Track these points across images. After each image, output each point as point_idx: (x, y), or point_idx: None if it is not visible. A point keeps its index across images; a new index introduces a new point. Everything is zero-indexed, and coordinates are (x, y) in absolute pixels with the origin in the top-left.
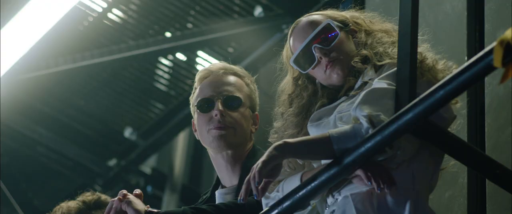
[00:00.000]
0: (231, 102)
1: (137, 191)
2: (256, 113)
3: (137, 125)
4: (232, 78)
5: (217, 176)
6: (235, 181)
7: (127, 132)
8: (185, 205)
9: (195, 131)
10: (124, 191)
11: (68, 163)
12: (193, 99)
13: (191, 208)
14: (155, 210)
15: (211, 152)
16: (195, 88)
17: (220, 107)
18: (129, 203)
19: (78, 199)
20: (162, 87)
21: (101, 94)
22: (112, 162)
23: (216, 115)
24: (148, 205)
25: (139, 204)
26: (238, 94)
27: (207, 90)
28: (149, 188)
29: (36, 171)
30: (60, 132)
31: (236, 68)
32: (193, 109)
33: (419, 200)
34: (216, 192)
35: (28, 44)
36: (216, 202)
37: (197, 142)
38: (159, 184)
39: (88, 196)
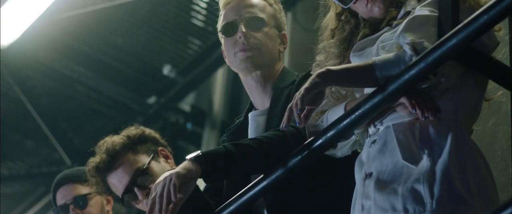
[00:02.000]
0: (254, 24)
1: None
2: (284, 32)
3: (175, 62)
4: (254, 0)
5: (250, 100)
6: (267, 104)
7: (166, 69)
8: None
9: (225, 57)
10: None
11: (107, 101)
12: (219, 26)
13: (233, 144)
14: (196, 153)
15: (241, 76)
16: (220, 16)
17: (243, 29)
18: (174, 176)
19: (122, 133)
20: (200, 24)
21: (139, 32)
22: (152, 100)
23: (240, 37)
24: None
25: (177, 169)
26: (260, 15)
27: (230, 14)
28: (188, 125)
29: (75, 110)
30: (99, 71)
31: None
32: (219, 35)
33: (461, 131)
34: (249, 114)
35: None
36: (249, 125)
37: (235, 77)
38: (198, 120)
39: (132, 130)
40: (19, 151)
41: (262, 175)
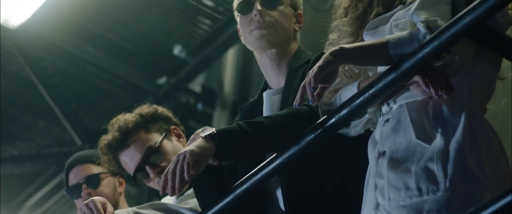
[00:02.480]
0: (270, 2)
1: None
2: (299, 11)
3: (186, 42)
4: None
5: (265, 80)
6: (282, 82)
7: (177, 50)
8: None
9: (241, 36)
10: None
11: (118, 82)
12: (235, 4)
13: (247, 122)
14: (210, 131)
15: (256, 55)
16: None
17: (259, 7)
18: (189, 154)
19: (135, 112)
20: (210, 3)
21: (150, 12)
22: (162, 80)
23: (255, 15)
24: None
25: (191, 147)
26: None
27: None
28: (199, 105)
29: (86, 90)
30: (109, 51)
31: None
32: (235, 13)
33: (475, 110)
34: (264, 93)
35: None
36: (264, 103)
37: (246, 57)
38: (209, 101)
39: (144, 109)
40: (30, 132)
41: (275, 154)
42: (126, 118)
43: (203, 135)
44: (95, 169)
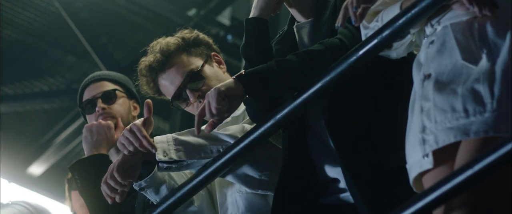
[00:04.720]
0: None
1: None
2: None
3: None
4: None
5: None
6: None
7: None
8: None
9: None
10: None
11: (148, 14)
12: None
13: (276, 61)
14: (240, 72)
15: None
16: None
17: None
18: (214, 92)
19: (176, 35)
20: None
21: None
22: (192, 12)
23: None
24: None
25: (219, 85)
26: None
27: None
28: (229, 37)
29: (115, 24)
30: None
31: None
32: None
33: None
34: (295, 25)
35: None
36: (296, 33)
37: None
38: (239, 32)
39: (186, 33)
40: (60, 67)
41: (315, 77)
42: (168, 40)
43: (234, 76)
44: (111, 86)
